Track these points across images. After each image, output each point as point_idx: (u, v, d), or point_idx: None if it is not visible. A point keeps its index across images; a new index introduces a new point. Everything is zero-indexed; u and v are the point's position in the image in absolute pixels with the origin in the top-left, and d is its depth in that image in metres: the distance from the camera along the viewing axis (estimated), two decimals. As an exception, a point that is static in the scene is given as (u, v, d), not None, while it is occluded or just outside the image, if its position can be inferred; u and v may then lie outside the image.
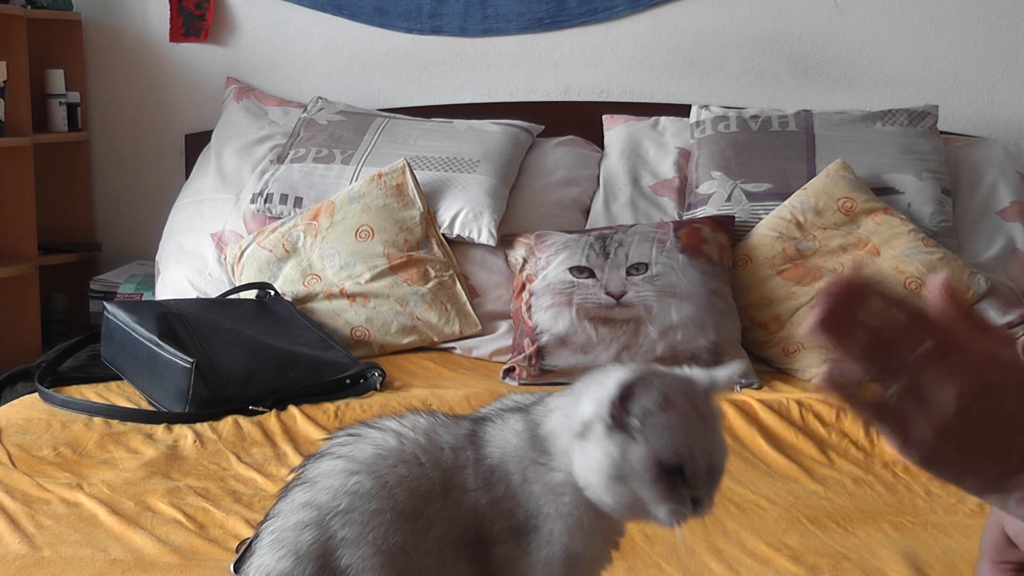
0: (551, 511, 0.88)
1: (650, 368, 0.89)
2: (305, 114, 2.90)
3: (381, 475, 0.89)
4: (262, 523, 0.93)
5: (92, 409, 1.97)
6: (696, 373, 0.90)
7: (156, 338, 2.06)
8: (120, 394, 2.10)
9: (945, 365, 0.66)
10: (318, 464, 0.91)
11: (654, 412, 0.85)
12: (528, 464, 0.89)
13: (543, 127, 2.88)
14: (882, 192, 2.52)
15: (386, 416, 0.95)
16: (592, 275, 2.32)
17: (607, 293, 2.29)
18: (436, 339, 2.44)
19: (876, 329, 0.66)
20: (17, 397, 2.14)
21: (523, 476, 0.89)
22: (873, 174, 2.55)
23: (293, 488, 0.92)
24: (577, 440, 0.88)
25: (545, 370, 2.24)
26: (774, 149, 2.64)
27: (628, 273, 2.31)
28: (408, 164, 2.57)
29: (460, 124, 2.83)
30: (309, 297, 2.45)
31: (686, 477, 0.85)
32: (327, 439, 0.94)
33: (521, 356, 2.27)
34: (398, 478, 0.88)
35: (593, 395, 0.88)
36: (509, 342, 2.40)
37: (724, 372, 0.90)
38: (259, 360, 2.11)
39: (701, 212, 2.57)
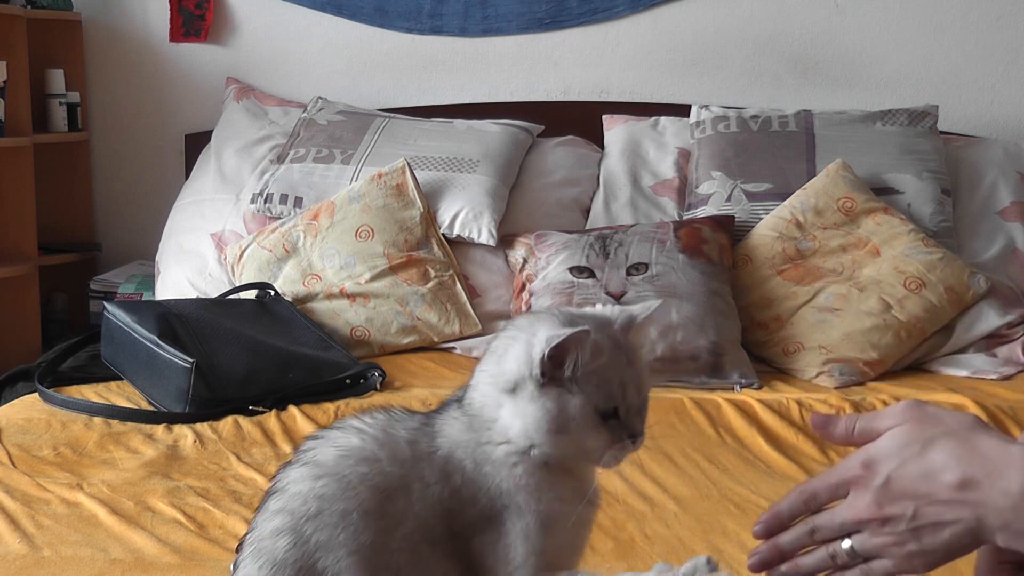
0: (509, 486, 0.89)
1: (567, 316, 0.91)
2: (305, 114, 2.90)
3: (344, 475, 0.89)
4: (245, 535, 0.93)
5: (92, 409, 1.97)
6: (610, 310, 0.94)
7: (156, 338, 2.06)
8: (120, 394, 2.10)
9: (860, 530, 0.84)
10: (288, 472, 0.93)
11: (584, 362, 0.88)
12: (475, 448, 0.91)
13: (543, 127, 2.88)
14: (882, 192, 2.52)
15: (349, 415, 0.97)
16: (592, 275, 2.32)
17: (607, 293, 2.29)
18: (436, 339, 2.44)
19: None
20: (17, 397, 2.14)
21: (474, 461, 0.90)
22: (873, 174, 2.55)
23: (268, 498, 0.93)
24: (509, 397, 0.90)
25: (545, 370, 2.24)
26: (774, 149, 2.64)
27: (628, 273, 2.31)
28: (408, 164, 2.57)
29: (460, 124, 2.83)
30: (309, 297, 2.45)
31: (620, 416, 0.89)
32: (299, 449, 0.95)
33: (521, 356, 2.27)
34: (360, 476, 0.89)
35: (517, 353, 0.89)
36: (509, 342, 2.40)
37: (640, 308, 0.94)
38: (259, 360, 2.11)
39: (701, 212, 2.57)
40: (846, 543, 0.85)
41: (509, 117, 2.86)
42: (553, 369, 0.88)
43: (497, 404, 0.91)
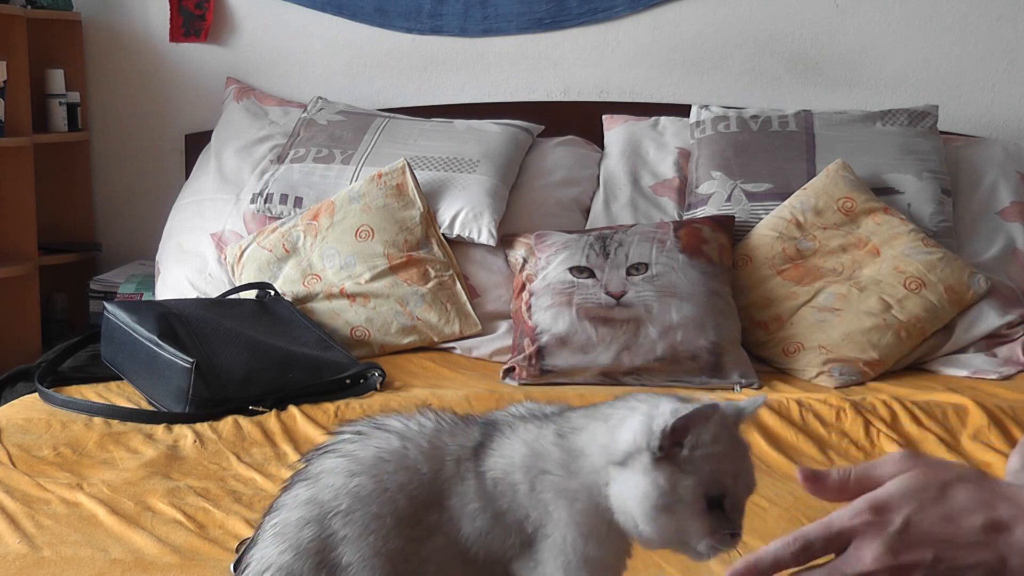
0: (562, 516, 0.87)
1: (690, 400, 0.88)
2: (305, 114, 2.90)
3: (381, 480, 0.88)
4: (265, 514, 0.93)
5: (92, 409, 1.97)
6: (724, 404, 0.89)
7: (156, 338, 2.06)
8: (120, 394, 2.10)
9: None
10: (322, 460, 0.91)
11: (704, 444, 0.85)
12: (538, 474, 0.88)
13: (543, 127, 2.88)
14: (882, 192, 2.52)
15: (393, 414, 0.94)
16: (592, 275, 2.32)
17: (607, 293, 2.29)
18: (436, 339, 2.44)
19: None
20: (17, 397, 2.14)
21: (531, 485, 0.88)
22: (873, 174, 2.55)
23: (296, 483, 0.91)
24: (617, 468, 0.86)
25: (545, 370, 2.24)
26: (774, 149, 2.64)
27: (628, 273, 2.31)
28: (408, 164, 2.57)
29: (460, 124, 2.83)
30: (309, 297, 2.45)
31: (726, 509, 0.86)
32: (334, 433, 0.94)
33: (521, 356, 2.27)
34: (398, 485, 0.88)
35: (634, 425, 0.86)
36: (509, 342, 2.40)
37: (749, 402, 0.91)
38: (259, 360, 2.11)
39: (701, 212, 2.57)
40: None
41: (509, 117, 2.86)
42: (672, 444, 0.84)
43: (603, 465, 0.88)
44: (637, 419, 0.87)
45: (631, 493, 0.85)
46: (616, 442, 0.87)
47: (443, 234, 2.54)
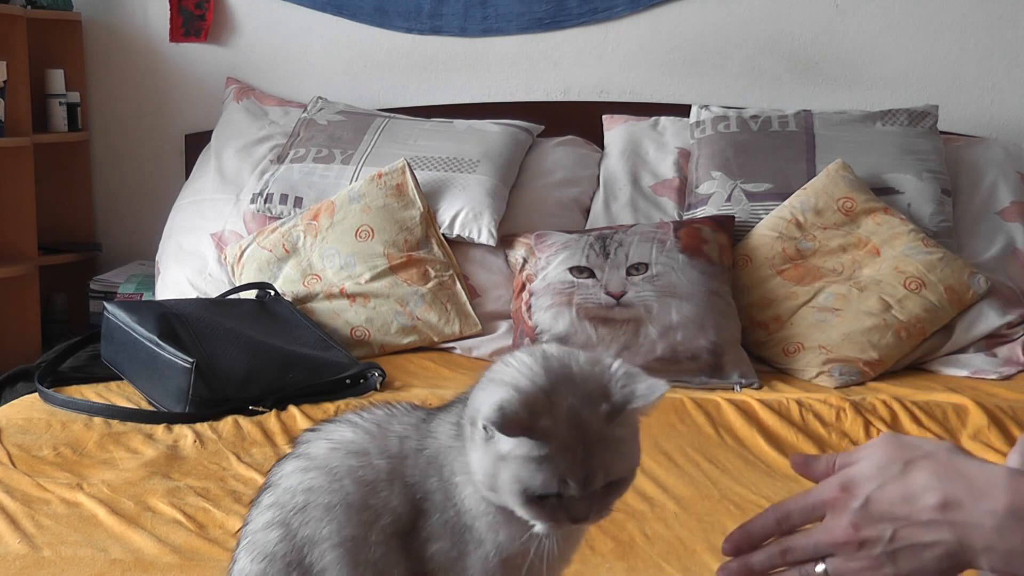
0: (472, 506, 0.86)
1: (542, 384, 0.83)
2: (305, 114, 2.90)
3: (332, 468, 0.89)
4: (239, 530, 0.94)
5: (92, 409, 1.97)
6: (610, 373, 0.85)
7: (156, 338, 2.06)
8: (120, 394, 2.10)
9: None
10: (282, 466, 0.92)
11: (526, 442, 0.81)
12: (457, 455, 0.87)
13: (543, 127, 2.88)
14: (882, 192, 2.52)
15: (350, 410, 0.95)
16: (592, 275, 2.32)
17: (607, 293, 2.29)
18: (436, 339, 2.44)
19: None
20: (17, 397, 2.14)
21: (451, 468, 0.87)
22: (873, 174, 2.55)
23: (262, 492, 0.93)
24: (468, 435, 0.86)
25: (545, 370, 2.24)
26: (774, 149, 2.64)
27: (628, 273, 2.31)
28: (408, 164, 2.57)
29: (460, 124, 2.83)
30: (309, 297, 2.45)
31: (563, 500, 0.82)
32: (296, 441, 0.95)
33: (521, 356, 2.26)
34: (347, 469, 0.88)
35: (480, 399, 0.84)
36: (509, 342, 2.40)
37: (643, 387, 0.84)
38: (259, 360, 2.11)
39: (701, 212, 2.57)
40: (820, 567, 0.83)
41: (509, 117, 2.86)
42: (495, 432, 0.82)
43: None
44: (485, 395, 0.84)
45: (472, 464, 0.85)
46: (467, 411, 0.86)
47: (443, 234, 2.54)
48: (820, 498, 0.84)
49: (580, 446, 0.81)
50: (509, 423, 0.80)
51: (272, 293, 2.42)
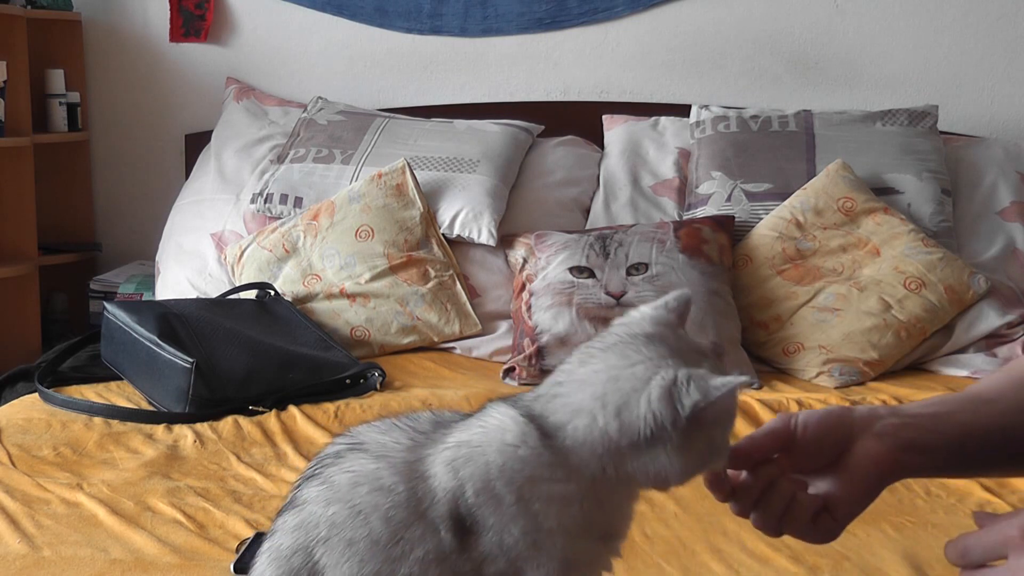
0: (554, 524, 0.85)
1: (673, 348, 0.87)
2: (305, 114, 2.90)
3: (355, 504, 0.88)
4: (265, 534, 0.94)
5: (92, 409, 1.97)
6: (663, 312, 0.92)
7: (156, 338, 2.06)
8: (120, 394, 2.10)
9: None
10: (308, 487, 0.92)
11: (708, 401, 0.83)
12: (523, 483, 0.85)
13: (543, 127, 2.88)
14: (882, 192, 2.52)
15: (370, 425, 0.93)
16: (592, 275, 2.32)
17: (607, 293, 2.29)
18: (436, 339, 2.44)
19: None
20: (17, 397, 2.14)
21: (518, 496, 0.85)
22: (873, 174, 2.55)
23: (287, 510, 0.93)
24: (635, 448, 0.84)
25: (545, 370, 2.24)
26: (774, 149, 2.64)
27: (628, 273, 2.31)
28: (408, 164, 2.57)
29: (460, 124, 2.83)
30: (309, 297, 2.45)
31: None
32: (317, 456, 0.94)
33: (521, 356, 2.27)
34: (372, 506, 0.87)
35: (655, 401, 0.83)
36: (509, 342, 2.40)
37: (673, 296, 0.93)
38: (259, 360, 2.11)
39: (701, 212, 2.57)
40: None
41: (509, 117, 2.86)
42: (699, 418, 0.83)
43: (612, 454, 0.85)
44: (653, 394, 0.84)
45: (666, 468, 0.84)
46: (627, 425, 0.84)
47: (443, 234, 2.54)
48: (1001, 537, 0.84)
49: (719, 364, 0.89)
50: (720, 383, 0.82)
51: (272, 293, 2.43)
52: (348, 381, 2.12)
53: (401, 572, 0.86)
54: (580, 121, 2.93)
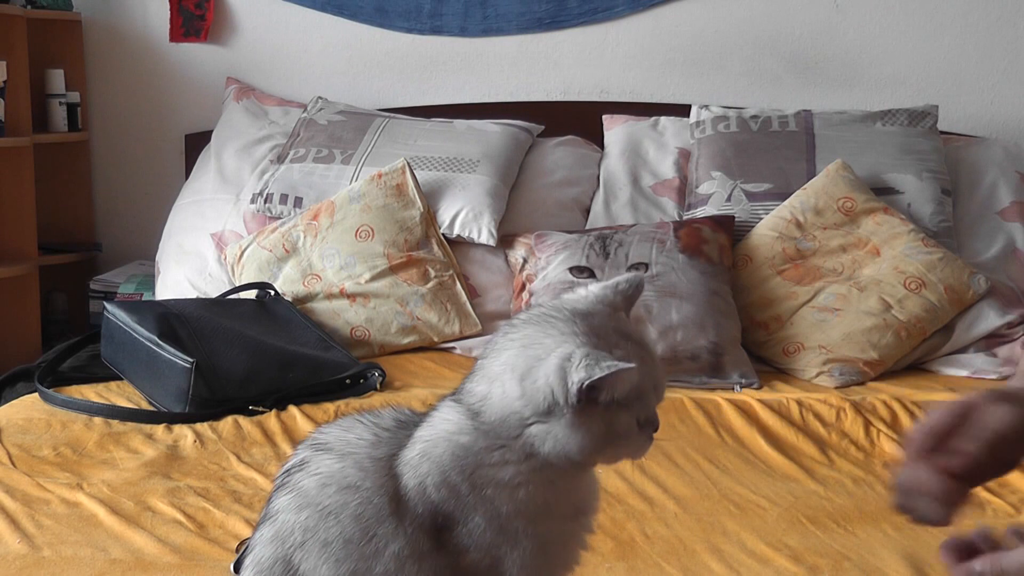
0: (509, 510, 0.87)
1: (586, 330, 0.86)
2: (305, 114, 2.90)
3: (324, 505, 0.89)
4: (243, 540, 0.95)
5: (92, 409, 1.97)
6: (600, 292, 0.91)
7: (156, 338, 2.06)
8: (120, 394, 2.10)
9: None
10: (278, 497, 0.93)
11: (624, 392, 0.85)
12: (473, 470, 0.87)
13: (543, 127, 2.88)
14: (882, 192, 2.52)
15: (333, 424, 0.95)
16: (592, 275, 2.32)
17: (607, 293, 2.29)
18: (436, 339, 2.44)
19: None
20: (17, 397, 2.14)
21: (471, 485, 0.87)
22: (873, 174, 2.55)
23: (262, 523, 0.93)
24: (540, 419, 0.86)
25: (545, 370, 2.24)
26: (774, 149, 2.64)
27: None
28: (408, 164, 2.57)
29: (460, 124, 2.83)
30: (309, 297, 2.45)
31: (651, 416, 0.89)
32: (283, 467, 0.95)
33: (521, 356, 2.27)
34: (341, 505, 0.89)
35: (548, 377, 0.84)
36: (509, 342, 2.40)
37: (624, 278, 0.91)
38: (259, 360, 2.11)
39: (701, 212, 2.57)
40: None
41: (509, 117, 2.86)
42: (590, 397, 0.84)
43: (521, 423, 0.87)
44: (547, 371, 0.85)
45: (565, 443, 0.85)
46: (532, 395, 0.86)
47: (443, 234, 2.54)
48: None
49: (648, 356, 0.88)
50: (605, 383, 0.82)
51: (272, 293, 2.42)
52: (348, 381, 2.12)
53: (377, 570, 0.87)
54: (580, 121, 2.93)
